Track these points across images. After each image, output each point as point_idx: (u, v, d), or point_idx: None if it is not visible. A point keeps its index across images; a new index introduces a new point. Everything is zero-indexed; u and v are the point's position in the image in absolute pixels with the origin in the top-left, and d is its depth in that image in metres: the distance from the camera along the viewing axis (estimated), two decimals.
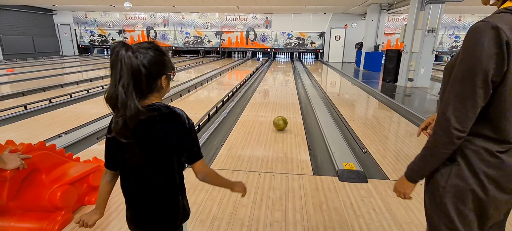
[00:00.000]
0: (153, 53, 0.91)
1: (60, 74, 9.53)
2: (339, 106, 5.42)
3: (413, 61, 7.68)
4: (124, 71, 0.85)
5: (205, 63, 13.67)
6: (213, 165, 2.83)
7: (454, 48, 15.67)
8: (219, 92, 6.81)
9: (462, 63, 0.85)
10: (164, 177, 1.00)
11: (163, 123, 0.95)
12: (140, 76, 0.88)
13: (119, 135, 0.91)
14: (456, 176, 0.91)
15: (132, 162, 0.99)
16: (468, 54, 0.83)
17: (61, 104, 5.33)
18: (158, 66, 0.93)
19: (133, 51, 0.87)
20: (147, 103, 0.94)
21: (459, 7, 12.77)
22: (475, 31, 0.81)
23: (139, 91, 0.90)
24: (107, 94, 0.89)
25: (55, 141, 3.46)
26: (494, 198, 0.89)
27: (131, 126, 0.89)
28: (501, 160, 0.87)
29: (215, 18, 16.82)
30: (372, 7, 11.79)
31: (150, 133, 0.95)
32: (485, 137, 0.87)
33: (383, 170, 2.76)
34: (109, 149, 1.02)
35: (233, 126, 4.12)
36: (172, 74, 1.00)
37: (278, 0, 11.59)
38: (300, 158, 3.02)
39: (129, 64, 0.86)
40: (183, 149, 0.99)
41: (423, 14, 7.34)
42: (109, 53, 0.91)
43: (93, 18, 17.46)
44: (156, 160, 0.98)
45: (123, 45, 0.87)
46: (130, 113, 0.86)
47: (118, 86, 0.85)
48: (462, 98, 0.84)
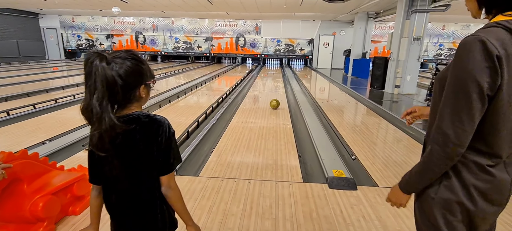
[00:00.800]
0: (130, 62, 0.88)
1: (46, 79, 9.28)
2: (328, 113, 5.47)
3: (400, 69, 7.85)
4: (98, 83, 0.82)
5: (195, 69, 13.60)
6: (202, 172, 2.80)
7: (439, 56, 16.12)
8: (208, 98, 6.77)
9: (454, 77, 0.84)
10: (147, 188, 0.97)
11: (143, 133, 0.92)
12: (115, 88, 0.85)
13: (96, 148, 0.88)
14: (446, 188, 0.92)
15: (112, 174, 0.95)
16: (460, 68, 0.82)
17: (46, 110, 5.18)
18: (136, 76, 0.90)
19: (108, 62, 0.84)
20: (126, 113, 0.92)
21: (443, 17, 13.18)
22: (465, 45, 0.81)
23: (116, 102, 0.87)
24: (82, 106, 0.85)
25: (38, 148, 3.36)
26: (482, 210, 0.90)
27: (107, 139, 0.86)
28: (491, 173, 0.87)
29: (205, 24, 16.81)
30: (360, 15, 12.04)
31: (130, 144, 0.91)
32: (477, 150, 0.88)
33: (372, 177, 2.79)
34: (91, 162, 0.98)
35: (223, 133, 4.10)
36: (152, 82, 0.97)
37: (268, 7, 11.69)
38: (290, 165, 3.02)
39: (103, 75, 0.82)
40: (159, 157, 0.94)
41: (408, 22, 7.54)
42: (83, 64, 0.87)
43: (80, 22, 17.15)
44: (138, 171, 0.95)
45: (98, 55, 0.84)
46: (105, 127, 0.83)
47: (93, 99, 0.82)
48: (458, 112, 0.83)
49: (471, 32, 0.82)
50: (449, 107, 0.85)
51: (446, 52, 16.10)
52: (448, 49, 16.07)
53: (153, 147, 0.92)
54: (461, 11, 10.68)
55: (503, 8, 0.83)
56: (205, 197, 2.35)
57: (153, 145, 0.92)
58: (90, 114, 0.84)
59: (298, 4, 10.47)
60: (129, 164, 0.94)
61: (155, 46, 17.39)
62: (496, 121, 0.84)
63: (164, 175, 0.97)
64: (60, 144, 3.47)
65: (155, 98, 6.23)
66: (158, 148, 0.93)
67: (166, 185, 0.98)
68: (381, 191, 2.51)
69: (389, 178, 2.76)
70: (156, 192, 0.98)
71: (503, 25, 0.80)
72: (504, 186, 0.90)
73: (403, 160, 3.23)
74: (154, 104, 5.65)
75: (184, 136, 3.91)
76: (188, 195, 2.35)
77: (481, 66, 0.78)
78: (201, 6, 11.79)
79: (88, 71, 0.83)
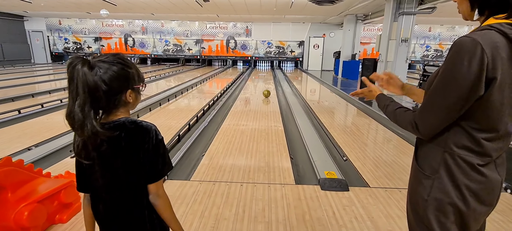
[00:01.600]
0: (116, 67, 0.85)
1: (31, 83, 9.06)
2: (319, 114, 5.50)
3: (388, 70, 7.98)
4: (80, 89, 0.79)
5: (185, 71, 13.50)
6: (194, 176, 2.77)
7: (426, 57, 16.46)
8: (199, 100, 6.72)
9: (443, 76, 0.87)
10: (135, 197, 0.94)
11: (128, 140, 0.88)
12: (98, 94, 0.82)
13: (80, 156, 0.86)
14: (438, 190, 0.93)
15: (99, 183, 0.92)
16: (450, 69, 0.84)
17: (32, 115, 5.05)
18: (121, 81, 0.87)
19: (91, 67, 0.81)
20: (112, 119, 0.89)
21: (429, 19, 13.48)
22: (459, 47, 0.82)
23: (100, 108, 0.85)
24: (66, 112, 0.82)
25: (24, 154, 3.26)
26: (474, 210, 0.91)
27: (91, 147, 0.83)
28: (483, 173, 0.89)
29: (195, 27, 16.73)
30: (349, 18, 12.20)
31: (115, 152, 0.88)
32: (468, 149, 0.89)
33: (363, 178, 2.81)
34: (78, 170, 0.95)
35: (214, 135, 4.07)
36: (141, 86, 0.95)
37: (258, 10, 11.72)
38: (282, 167, 3.01)
39: (85, 81, 0.79)
40: (146, 164, 0.91)
41: (396, 25, 7.69)
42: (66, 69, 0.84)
43: (67, 25, 16.83)
44: (124, 179, 0.92)
45: (80, 60, 0.81)
46: (88, 134, 0.81)
47: (75, 105, 0.79)
48: (435, 110, 0.88)
49: (456, 33, 0.84)
50: (430, 102, 0.90)
51: (432, 53, 16.46)
52: (435, 51, 16.44)
53: (139, 154, 0.89)
54: (446, 13, 10.96)
55: (495, 10, 0.85)
56: (197, 201, 2.32)
57: (139, 152, 0.89)
58: (73, 121, 0.81)
59: (288, 6, 10.54)
60: (115, 172, 0.91)
61: (144, 49, 17.20)
62: (487, 121, 0.86)
63: (152, 183, 0.93)
64: (47, 150, 3.38)
65: (145, 102, 6.15)
66: (144, 155, 0.89)
67: (154, 193, 0.94)
68: (373, 192, 2.53)
69: (380, 179, 2.78)
70: (143, 200, 0.94)
71: (496, 28, 0.81)
72: (495, 186, 0.91)
73: (393, 160, 3.27)
74: (144, 108, 5.58)
75: (175, 140, 3.87)
76: (179, 200, 2.32)
77: (472, 70, 0.80)
78: (191, 9, 11.74)
79: (70, 76, 0.80)
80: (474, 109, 0.85)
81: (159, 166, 0.93)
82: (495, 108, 0.84)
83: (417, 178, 1.00)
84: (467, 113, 0.86)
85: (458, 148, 0.90)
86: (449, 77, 0.84)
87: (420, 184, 0.97)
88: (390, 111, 1.09)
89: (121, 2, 10.34)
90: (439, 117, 0.88)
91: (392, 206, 2.30)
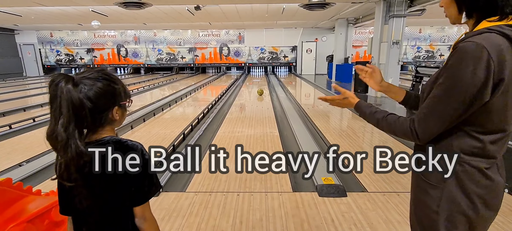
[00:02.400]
0: (101, 83, 0.82)
1: (23, 97, 8.92)
2: (314, 118, 5.50)
3: (381, 72, 8.04)
4: (64, 107, 0.75)
5: (179, 80, 13.46)
6: (189, 187, 2.72)
7: (417, 58, 16.66)
8: (194, 109, 6.68)
9: (446, 82, 0.83)
10: (119, 220, 0.89)
11: None
12: (82, 112, 0.78)
13: (62, 178, 0.81)
14: (448, 200, 0.89)
15: (82, 206, 0.87)
16: (454, 75, 0.81)
17: (23, 130, 4.95)
18: (107, 98, 0.84)
19: (76, 84, 0.78)
20: (96, 138, 0.85)
21: (419, 20, 13.66)
22: (463, 52, 0.79)
23: (84, 127, 0.81)
24: (47, 132, 0.79)
25: (14, 171, 3.18)
26: (482, 217, 0.89)
27: (74, 168, 0.79)
28: (489, 177, 0.87)
29: (188, 35, 16.73)
30: (340, 22, 12.32)
31: (98, 173, 0.84)
32: (475, 153, 0.87)
33: (361, 182, 2.79)
34: (60, 192, 0.90)
35: (210, 143, 4.03)
36: (127, 102, 0.91)
37: (250, 16, 11.77)
38: (278, 175, 2.98)
39: (69, 99, 0.76)
40: (131, 187, 0.86)
41: (387, 27, 7.76)
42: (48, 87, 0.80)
43: (59, 37, 16.70)
44: (109, 202, 0.87)
45: (64, 77, 0.77)
46: (71, 155, 0.77)
47: (58, 125, 0.76)
48: (436, 117, 0.85)
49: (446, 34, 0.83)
50: (430, 108, 0.87)
51: (424, 54, 16.67)
52: (426, 51, 16.66)
53: (124, 176, 0.85)
54: (435, 15, 11.12)
55: (485, 13, 0.83)
56: (193, 213, 2.27)
57: (124, 174, 0.85)
58: (55, 142, 0.77)
59: (279, 12, 10.60)
60: (99, 194, 0.86)
61: (137, 59, 17.12)
62: (492, 123, 0.84)
63: (138, 206, 0.89)
64: (38, 165, 3.30)
65: (139, 112, 6.09)
66: (129, 177, 0.85)
67: (140, 216, 0.89)
68: (371, 197, 2.51)
69: (378, 182, 2.77)
70: (129, 224, 0.90)
71: (497, 31, 0.79)
72: (500, 190, 0.90)
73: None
74: (138, 119, 5.51)
75: (170, 150, 3.82)
76: (175, 213, 2.27)
77: (478, 76, 0.77)
78: (183, 18, 11.74)
79: (52, 94, 0.77)
80: (478, 114, 0.83)
81: (145, 188, 0.88)
82: (499, 111, 0.82)
83: (422, 188, 0.95)
84: (470, 117, 0.84)
85: (465, 153, 0.87)
86: (453, 83, 0.82)
87: (426, 195, 0.93)
88: (378, 118, 1.03)
89: (112, 13, 10.30)
90: (440, 123, 0.86)
91: (391, 211, 2.28)
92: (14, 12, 10.28)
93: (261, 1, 8.53)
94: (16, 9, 9.84)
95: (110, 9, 9.53)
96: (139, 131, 4.83)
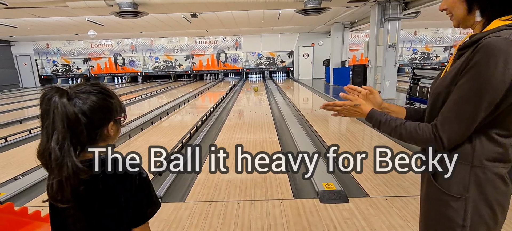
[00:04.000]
0: (96, 97, 0.78)
1: (19, 109, 8.86)
2: (312, 123, 5.48)
3: (378, 75, 8.06)
4: (58, 122, 0.71)
5: (177, 87, 13.43)
6: (189, 197, 2.68)
7: (414, 60, 16.75)
8: (193, 116, 6.65)
9: (471, 81, 0.78)
10: None
11: (108, 180, 0.80)
12: (78, 127, 0.74)
13: (55, 200, 0.77)
14: (473, 211, 0.84)
15: (76, 228, 0.83)
16: (480, 73, 0.76)
17: (19, 143, 4.89)
18: (103, 113, 0.80)
19: (70, 97, 0.74)
20: (88, 156, 0.79)
21: (413, 23, 13.76)
22: (490, 48, 0.74)
23: (79, 144, 0.76)
24: (38, 150, 0.74)
25: (10, 185, 3.12)
26: (500, 224, 0.87)
27: (68, 188, 0.74)
28: (507, 183, 0.84)
29: (185, 42, 16.76)
30: (336, 26, 12.39)
31: (93, 194, 0.80)
32: (497, 159, 0.83)
33: (362, 187, 2.76)
34: (52, 214, 0.86)
35: None
36: (122, 118, 0.87)
37: (246, 23, 11.81)
38: (279, 181, 2.95)
39: (64, 113, 0.72)
40: (130, 207, 0.82)
41: (383, 31, 7.81)
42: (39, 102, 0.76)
43: (55, 48, 16.67)
44: (104, 224, 0.83)
45: (57, 91, 0.73)
46: (67, 174, 0.72)
47: (51, 141, 0.72)
48: (463, 120, 0.80)
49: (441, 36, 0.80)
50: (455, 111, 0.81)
51: (420, 56, 16.77)
52: (422, 53, 16.75)
53: (120, 196, 0.81)
54: (430, 17, 11.22)
55: (501, 11, 0.79)
56: (193, 224, 2.23)
57: (120, 195, 0.81)
58: (48, 160, 0.73)
59: (275, 18, 10.65)
60: (94, 216, 0.82)
61: (135, 67, 17.11)
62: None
63: (136, 227, 0.85)
64: (35, 178, 3.24)
65: (137, 121, 6.05)
66: (126, 197, 0.81)
67: None
68: (373, 201, 2.48)
69: (379, 187, 2.74)
70: None
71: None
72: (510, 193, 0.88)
73: None
74: (136, 128, 5.47)
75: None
76: (174, 224, 2.23)
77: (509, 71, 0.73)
78: (179, 25, 11.76)
79: (44, 109, 0.73)
80: (505, 114, 0.79)
81: (144, 207, 0.85)
82: None
83: (443, 201, 0.88)
84: (496, 119, 0.80)
85: (489, 160, 0.82)
86: (480, 82, 0.76)
87: (449, 208, 0.87)
88: (396, 126, 0.95)
89: (109, 22, 10.30)
90: (466, 127, 0.81)
91: (393, 216, 2.25)
92: (10, 23, 10.26)
93: (257, 8, 8.57)
94: (12, 21, 9.82)
95: (106, 19, 9.53)
96: (137, 140, 4.79)
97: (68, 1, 6.68)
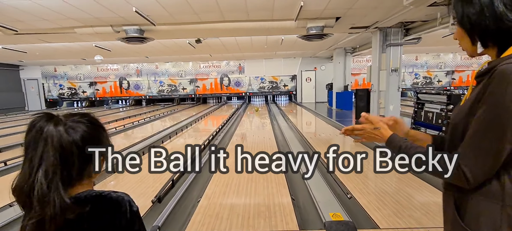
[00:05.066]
0: (87, 127, 0.73)
1: (21, 132, 8.83)
2: (316, 147, 5.38)
3: (382, 99, 8.04)
4: (50, 153, 0.65)
5: (180, 111, 13.47)
6: (188, 227, 2.56)
7: (416, 84, 16.81)
8: (195, 139, 6.59)
9: (489, 113, 0.74)
10: None
11: (94, 220, 0.72)
12: (71, 159, 0.68)
13: None
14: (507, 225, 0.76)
15: None
16: (497, 103, 0.72)
17: (19, 166, 4.82)
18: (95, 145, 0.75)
19: (64, 125, 0.69)
20: (70, 194, 0.71)
21: (414, 48, 13.93)
22: (506, 76, 0.71)
23: (69, 178, 0.69)
24: (17, 185, 0.67)
25: (5, 212, 3.03)
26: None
27: (52, 229, 0.65)
28: None
29: (189, 67, 17.03)
30: (338, 51, 12.56)
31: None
32: None
33: (371, 217, 2.63)
34: None
35: (211, 177, 3.89)
36: None
37: (249, 48, 12.02)
38: (283, 210, 2.83)
39: (59, 144, 0.66)
40: None
41: (385, 56, 7.87)
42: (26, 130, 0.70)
43: (63, 72, 17.01)
44: None
45: (49, 118, 0.68)
46: (52, 213, 0.64)
47: (37, 175, 0.64)
48: (483, 154, 0.75)
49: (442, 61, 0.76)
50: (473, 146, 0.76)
51: (422, 80, 16.85)
52: (424, 78, 16.84)
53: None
54: (431, 42, 11.36)
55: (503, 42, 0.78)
56: None
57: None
58: (28, 196, 0.65)
59: (278, 43, 10.83)
60: None
61: (139, 91, 17.30)
62: None
63: None
64: None
65: (140, 144, 5.99)
66: None
67: None
68: None
69: (390, 217, 2.61)
70: None
71: None
72: None
73: (399, 194, 3.11)
74: (138, 151, 5.40)
75: (169, 185, 3.68)
76: None
77: None
78: (184, 50, 11.99)
79: (32, 138, 0.67)
80: None
81: None
82: None
83: None
84: None
85: None
86: (497, 112, 0.72)
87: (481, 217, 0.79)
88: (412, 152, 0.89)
89: (115, 48, 10.53)
90: (489, 161, 0.75)
91: None
92: (19, 49, 10.52)
93: (260, 34, 8.74)
94: (21, 46, 10.08)
95: (113, 44, 9.75)
96: None
97: (77, 28, 6.86)
